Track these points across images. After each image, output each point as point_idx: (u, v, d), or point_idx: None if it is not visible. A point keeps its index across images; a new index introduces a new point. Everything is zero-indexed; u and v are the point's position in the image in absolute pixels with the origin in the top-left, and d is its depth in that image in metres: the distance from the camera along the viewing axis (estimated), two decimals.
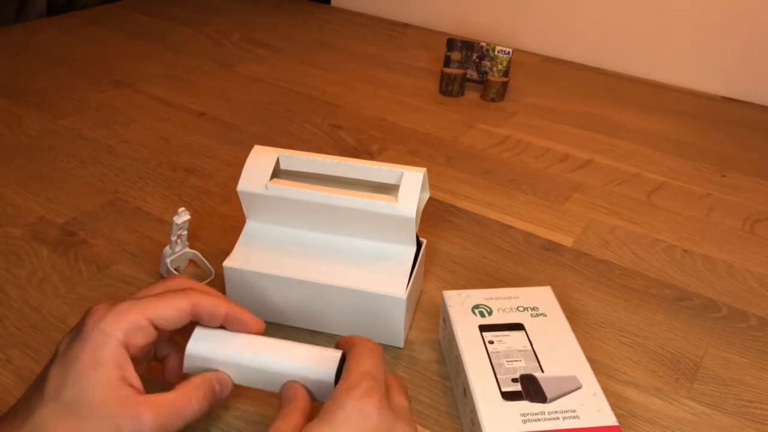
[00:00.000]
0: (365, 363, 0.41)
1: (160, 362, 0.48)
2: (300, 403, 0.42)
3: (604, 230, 0.73)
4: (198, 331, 0.45)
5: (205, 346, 0.45)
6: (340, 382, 0.41)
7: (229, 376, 0.45)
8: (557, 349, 0.49)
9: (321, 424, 0.38)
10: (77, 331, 0.40)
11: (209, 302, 0.44)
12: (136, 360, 0.42)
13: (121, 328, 0.40)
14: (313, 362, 0.45)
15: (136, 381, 0.41)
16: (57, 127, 0.89)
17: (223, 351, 0.45)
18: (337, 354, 0.45)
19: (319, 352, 0.45)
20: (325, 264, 0.55)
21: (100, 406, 0.38)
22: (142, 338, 0.41)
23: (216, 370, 0.44)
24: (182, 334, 0.46)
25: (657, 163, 0.88)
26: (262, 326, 0.46)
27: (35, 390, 0.40)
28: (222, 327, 0.45)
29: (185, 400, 0.41)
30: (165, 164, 0.81)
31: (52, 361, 0.40)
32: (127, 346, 0.40)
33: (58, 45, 1.17)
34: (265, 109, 0.97)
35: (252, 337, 0.46)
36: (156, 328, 0.42)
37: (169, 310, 0.42)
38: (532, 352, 0.48)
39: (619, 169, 0.86)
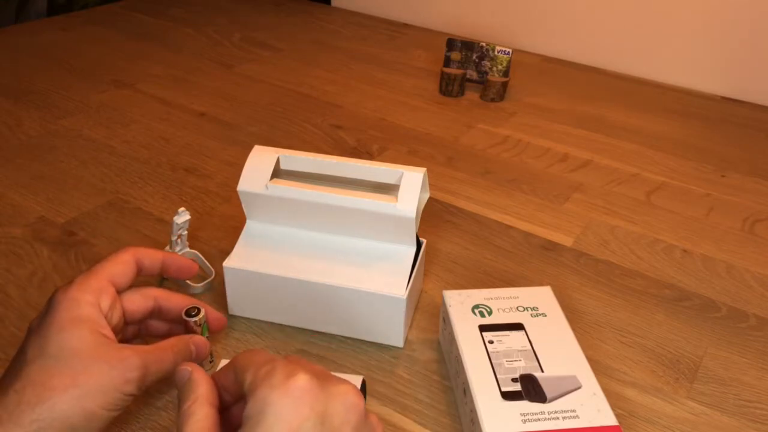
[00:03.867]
0: (255, 358, 0.37)
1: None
2: (202, 390, 0.38)
3: (604, 230, 0.73)
4: (224, 363, 0.48)
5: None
6: (248, 385, 0.35)
7: (207, 343, 0.49)
8: (557, 349, 0.49)
9: None
10: (47, 307, 0.43)
11: (145, 250, 0.50)
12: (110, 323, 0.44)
13: (88, 291, 0.43)
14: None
15: (114, 337, 0.43)
16: (57, 127, 0.89)
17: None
18: (359, 377, 0.48)
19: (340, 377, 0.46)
20: (325, 264, 0.55)
21: (86, 352, 0.40)
22: (107, 298, 0.44)
23: (192, 335, 0.48)
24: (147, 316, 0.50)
25: (657, 163, 0.88)
26: (195, 268, 0.53)
27: (16, 362, 0.41)
28: (163, 278, 0.51)
29: (163, 351, 0.44)
30: (165, 164, 0.81)
31: (27, 337, 0.42)
32: (99, 307, 0.43)
33: (58, 45, 1.17)
34: (265, 109, 0.97)
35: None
36: (115, 287, 0.46)
37: (117, 265, 0.47)
38: (531, 352, 0.48)
39: (619, 169, 0.86)
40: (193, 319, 0.49)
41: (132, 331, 0.50)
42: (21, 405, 0.38)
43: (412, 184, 0.53)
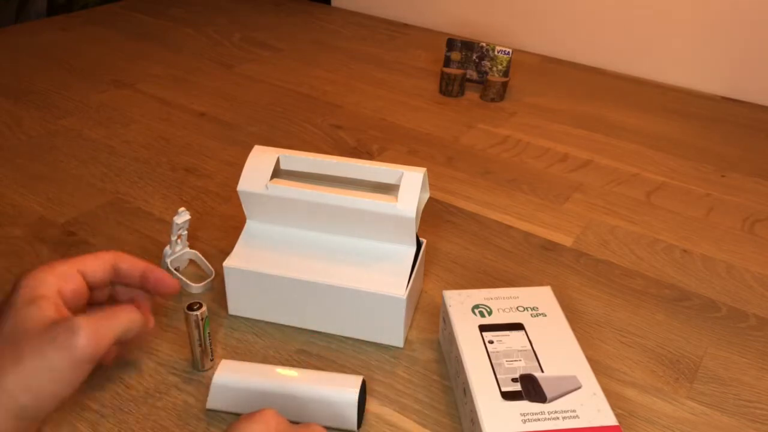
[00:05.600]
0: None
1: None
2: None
3: (604, 230, 0.73)
4: (223, 363, 0.49)
5: (230, 376, 0.48)
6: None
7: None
8: (557, 349, 0.49)
9: None
10: (12, 287, 0.43)
11: (129, 257, 0.49)
12: (70, 310, 0.44)
13: (53, 273, 0.44)
14: (335, 385, 0.47)
15: (68, 311, 0.43)
16: (57, 127, 0.89)
17: (247, 379, 0.48)
18: (359, 378, 0.48)
19: (341, 377, 0.48)
20: (325, 264, 0.55)
21: (35, 329, 0.40)
22: (72, 284, 0.45)
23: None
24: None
25: (657, 163, 0.88)
26: (176, 286, 0.50)
27: None
28: (143, 288, 0.50)
29: (114, 314, 0.44)
30: (165, 164, 0.81)
31: None
32: (59, 290, 0.44)
33: (58, 45, 1.17)
34: (265, 109, 0.97)
35: (274, 366, 0.49)
36: (85, 279, 0.46)
37: (95, 261, 0.47)
38: (531, 352, 0.48)
39: (619, 169, 0.86)
40: (195, 314, 0.49)
41: (98, 297, 0.50)
42: None
43: (412, 184, 0.53)
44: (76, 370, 0.40)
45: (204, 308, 0.50)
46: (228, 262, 0.56)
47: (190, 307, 0.49)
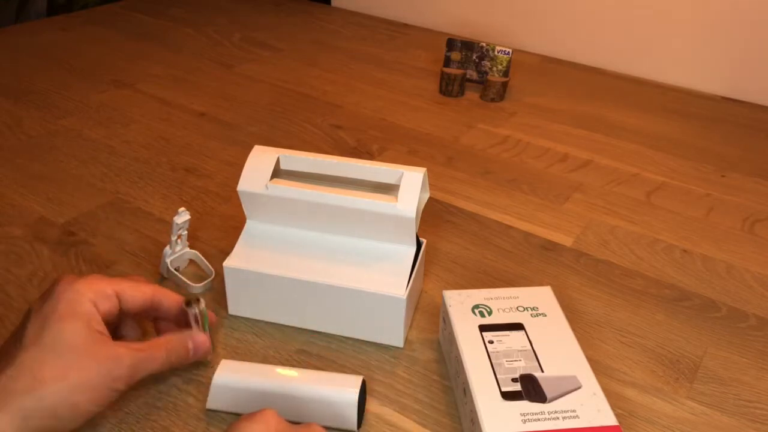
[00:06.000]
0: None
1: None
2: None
3: (604, 230, 0.73)
4: (223, 363, 0.49)
5: (230, 376, 0.48)
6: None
7: (209, 340, 0.50)
8: (557, 349, 0.49)
9: None
10: (50, 293, 0.44)
11: (170, 294, 0.50)
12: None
13: (92, 289, 0.44)
14: (335, 385, 0.47)
15: (109, 335, 0.44)
16: (57, 127, 0.89)
17: (247, 379, 0.48)
18: (359, 378, 0.48)
19: (341, 377, 0.48)
20: (325, 264, 0.55)
21: (80, 347, 0.41)
22: (107, 304, 0.45)
23: (191, 332, 0.49)
24: (145, 319, 0.52)
25: (657, 163, 0.88)
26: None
27: (13, 343, 0.42)
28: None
29: (156, 350, 0.46)
30: (165, 164, 0.81)
31: (26, 318, 0.43)
32: (96, 308, 0.44)
33: (58, 45, 1.17)
34: (265, 109, 0.97)
35: (274, 366, 0.49)
36: (120, 301, 0.46)
37: (134, 290, 0.47)
38: (531, 352, 0.48)
39: (619, 169, 0.86)
40: (193, 311, 0.49)
41: (133, 329, 0.51)
42: (11, 392, 0.39)
43: (412, 184, 0.53)
44: (112, 394, 0.43)
45: (202, 303, 0.50)
46: (228, 262, 0.56)
47: (188, 303, 0.49)
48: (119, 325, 0.50)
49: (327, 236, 0.57)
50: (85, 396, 0.41)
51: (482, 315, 0.51)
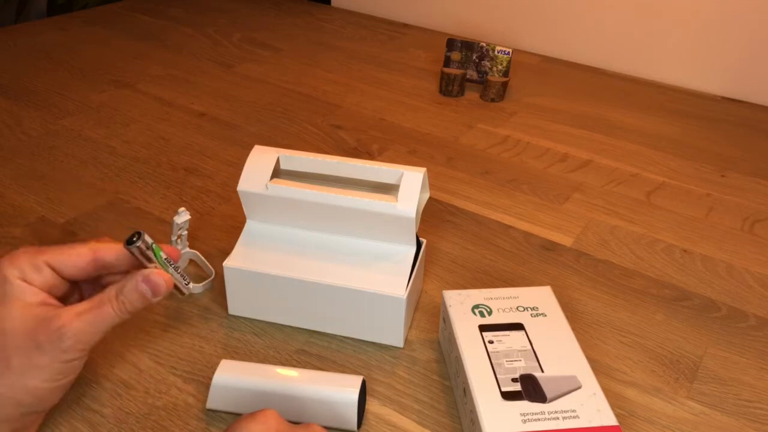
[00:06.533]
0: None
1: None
2: None
3: (604, 230, 0.73)
4: (223, 363, 0.49)
5: (230, 376, 0.48)
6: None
7: (166, 278, 0.44)
8: (557, 349, 0.49)
9: None
10: None
11: (111, 248, 0.44)
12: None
13: (16, 266, 0.41)
14: (335, 385, 0.47)
15: (50, 300, 0.42)
16: (57, 127, 0.89)
17: (247, 379, 0.48)
18: (359, 378, 0.48)
19: (341, 377, 0.48)
20: (325, 264, 0.55)
21: (17, 329, 0.40)
22: (39, 276, 0.42)
23: (144, 270, 0.43)
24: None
25: (657, 163, 0.88)
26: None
27: None
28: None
29: (103, 305, 0.42)
30: (165, 164, 0.81)
31: None
32: (26, 281, 0.41)
33: (58, 45, 1.17)
34: (265, 109, 0.97)
35: (274, 366, 0.49)
36: (56, 270, 0.43)
37: (67, 254, 0.43)
38: (531, 352, 0.48)
39: (619, 169, 0.86)
40: (135, 247, 0.42)
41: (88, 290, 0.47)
42: None
43: (412, 184, 0.54)
44: (68, 368, 0.41)
45: (143, 236, 0.42)
46: (228, 262, 0.56)
47: (129, 241, 0.42)
48: (77, 292, 0.46)
49: (327, 236, 0.57)
50: (38, 377, 0.40)
51: (482, 315, 0.51)
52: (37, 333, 0.40)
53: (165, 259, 0.44)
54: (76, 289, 0.46)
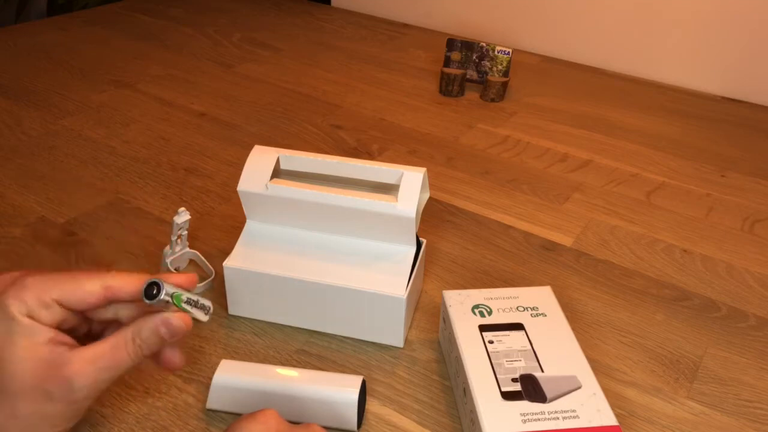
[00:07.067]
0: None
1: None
2: None
3: (604, 230, 0.73)
4: (224, 363, 0.49)
5: (230, 376, 0.48)
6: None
7: (186, 321, 0.42)
8: (557, 349, 0.49)
9: None
10: None
11: (124, 281, 0.41)
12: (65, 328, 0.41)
13: (24, 302, 0.39)
14: (335, 385, 0.47)
15: (60, 337, 0.39)
16: (57, 127, 0.89)
17: (247, 379, 0.48)
18: (359, 378, 0.48)
19: (341, 377, 0.48)
20: (324, 264, 0.55)
21: (26, 375, 0.37)
22: (49, 315, 0.39)
23: (163, 313, 0.41)
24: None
25: (657, 163, 0.88)
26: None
27: None
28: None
29: (119, 350, 0.40)
30: (165, 164, 0.81)
31: None
32: (34, 319, 0.39)
33: (58, 45, 1.17)
34: (265, 109, 0.97)
35: (274, 366, 0.49)
36: (66, 307, 0.40)
37: (76, 291, 0.40)
38: (531, 352, 0.48)
39: (619, 169, 0.86)
40: (155, 301, 0.40)
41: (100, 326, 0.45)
42: None
43: (412, 184, 0.53)
44: (79, 411, 0.40)
45: (165, 289, 0.40)
46: (228, 262, 0.56)
47: (149, 295, 0.40)
48: (86, 322, 0.43)
49: (327, 236, 0.57)
50: (46, 423, 0.38)
51: (482, 315, 0.51)
52: (47, 380, 0.38)
53: (186, 301, 0.42)
54: (85, 320, 0.43)
